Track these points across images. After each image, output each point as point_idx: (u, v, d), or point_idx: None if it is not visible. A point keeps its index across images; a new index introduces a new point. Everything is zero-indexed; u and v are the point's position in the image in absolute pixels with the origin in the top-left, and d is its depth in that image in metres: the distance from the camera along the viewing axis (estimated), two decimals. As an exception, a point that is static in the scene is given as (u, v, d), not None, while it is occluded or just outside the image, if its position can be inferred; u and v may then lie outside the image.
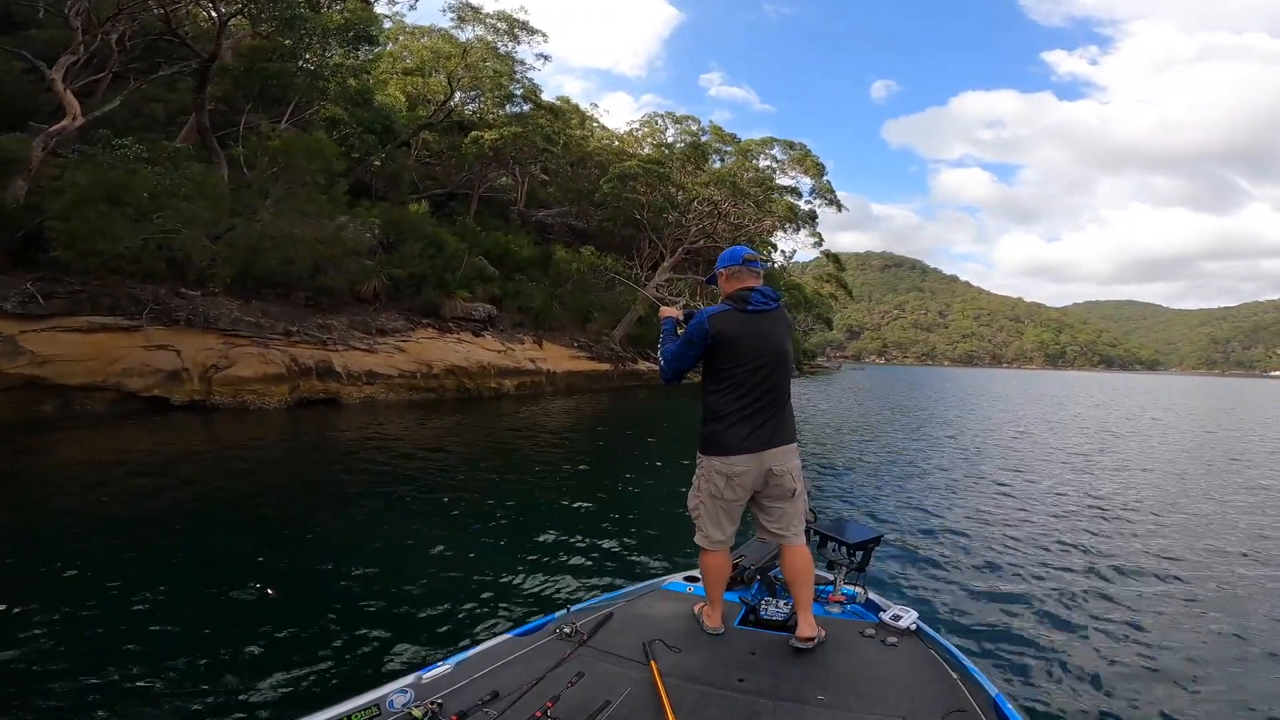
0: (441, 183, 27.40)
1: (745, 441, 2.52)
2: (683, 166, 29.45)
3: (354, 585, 4.39)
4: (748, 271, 2.68)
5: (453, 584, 4.44)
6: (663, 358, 2.72)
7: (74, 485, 6.88)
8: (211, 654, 3.37)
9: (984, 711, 1.98)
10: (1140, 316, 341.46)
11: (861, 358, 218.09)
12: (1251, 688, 3.47)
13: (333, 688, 3.08)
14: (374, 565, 4.75)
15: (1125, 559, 5.72)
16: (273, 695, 3.03)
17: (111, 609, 3.85)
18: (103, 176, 11.64)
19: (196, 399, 12.53)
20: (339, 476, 8.04)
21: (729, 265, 2.71)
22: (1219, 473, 10.90)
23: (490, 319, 20.92)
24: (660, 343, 2.80)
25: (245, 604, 4.06)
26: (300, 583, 4.43)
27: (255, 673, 3.21)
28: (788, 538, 2.61)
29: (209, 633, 3.61)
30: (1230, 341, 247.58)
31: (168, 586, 4.23)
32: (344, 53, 19.77)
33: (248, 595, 4.16)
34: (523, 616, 3.90)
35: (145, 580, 4.30)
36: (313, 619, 3.84)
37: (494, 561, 4.89)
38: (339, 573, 4.60)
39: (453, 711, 1.88)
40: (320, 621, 3.81)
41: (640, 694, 2.03)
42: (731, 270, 2.70)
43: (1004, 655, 3.73)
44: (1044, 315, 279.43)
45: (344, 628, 3.73)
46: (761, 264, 2.77)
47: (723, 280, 2.73)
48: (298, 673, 3.24)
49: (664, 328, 2.84)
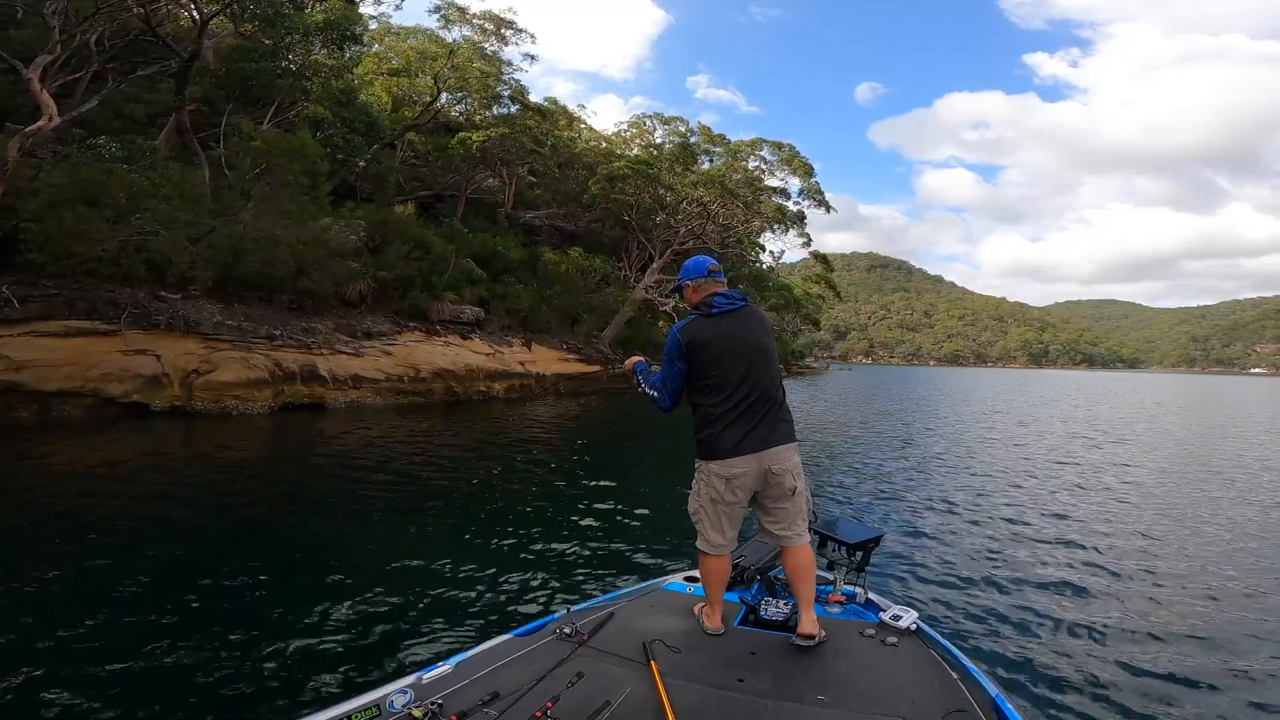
0: (428, 184, 27.18)
1: (741, 444, 2.53)
2: (672, 167, 29.43)
3: (352, 586, 4.37)
4: (713, 280, 2.75)
5: (452, 585, 4.44)
6: (653, 390, 2.78)
7: (53, 493, 6.72)
8: (211, 656, 3.35)
9: (984, 711, 1.98)
10: (1122, 315, 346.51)
11: (848, 358, 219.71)
12: (1253, 686, 3.47)
13: (333, 688, 3.09)
14: (373, 566, 4.75)
15: (1126, 558, 5.74)
16: (273, 696, 3.03)
17: (104, 615, 3.81)
18: (79, 177, 11.40)
19: (177, 404, 12.30)
20: (329, 481, 7.93)
21: (695, 277, 2.78)
22: (1220, 472, 10.88)
23: (478, 321, 20.75)
24: (641, 385, 2.86)
25: (243, 606, 4.04)
26: (298, 585, 4.44)
27: (255, 674, 3.21)
28: (790, 538, 2.61)
29: (207, 635, 3.59)
30: (1209, 339, 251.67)
31: (160, 591, 4.17)
32: (327, 52, 19.54)
33: (244, 598, 4.14)
34: (523, 617, 3.92)
35: (135, 586, 4.26)
36: (312, 620, 3.84)
37: (493, 562, 4.90)
38: (337, 574, 4.58)
39: (453, 712, 1.88)
40: (320, 622, 3.81)
41: (640, 694, 2.03)
42: (697, 282, 2.77)
43: (1004, 655, 3.74)
44: (1027, 315, 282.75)
45: (344, 628, 3.74)
46: (724, 272, 2.86)
47: (689, 292, 2.80)
48: (298, 673, 3.24)
49: (637, 371, 2.92)
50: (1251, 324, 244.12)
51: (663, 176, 28.23)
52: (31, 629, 3.56)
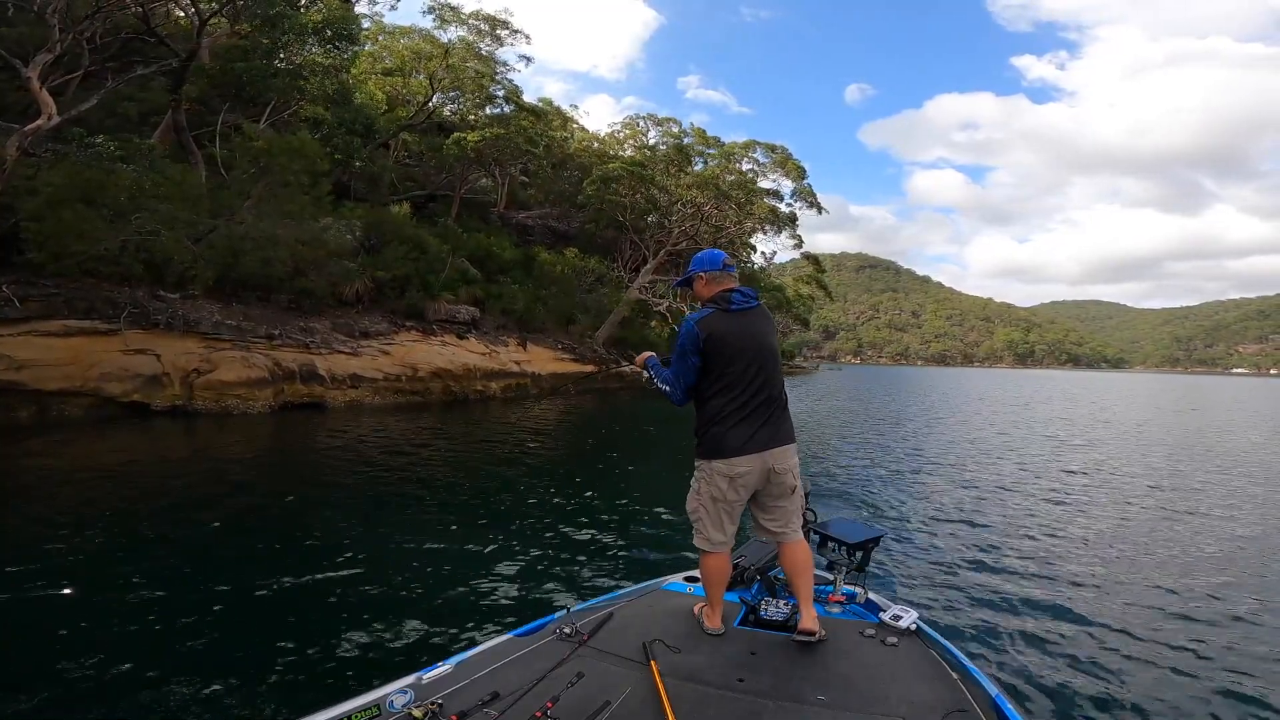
0: (421, 184, 27.14)
1: (748, 443, 2.53)
2: (666, 169, 29.53)
3: (353, 586, 4.37)
4: (727, 275, 2.72)
5: (453, 585, 4.43)
6: (666, 384, 2.69)
7: (54, 493, 6.71)
8: (211, 655, 3.36)
9: (984, 711, 1.98)
10: (1106, 316, 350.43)
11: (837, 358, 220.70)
12: (1253, 686, 3.47)
13: (333, 688, 3.08)
14: (372, 566, 4.72)
15: (1126, 558, 5.73)
16: (273, 696, 3.04)
17: (103, 615, 3.82)
18: (79, 176, 11.36)
19: (178, 404, 12.29)
20: (330, 480, 7.94)
21: (708, 269, 2.73)
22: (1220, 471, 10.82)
23: (474, 321, 20.78)
24: (653, 381, 2.80)
25: (243, 606, 4.04)
26: (298, 584, 4.40)
27: (256, 674, 3.21)
28: (786, 535, 2.63)
29: (207, 635, 3.60)
30: (1192, 340, 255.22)
31: (161, 591, 4.18)
32: (323, 51, 19.49)
33: (244, 598, 4.14)
34: (523, 617, 3.87)
35: (135, 585, 4.25)
36: (312, 620, 3.84)
37: (493, 562, 4.89)
38: (337, 574, 4.56)
39: (453, 712, 1.88)
40: (320, 622, 3.81)
41: (640, 694, 2.03)
42: (711, 274, 2.72)
43: (1004, 655, 3.74)
44: (1013, 315, 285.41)
45: (344, 628, 3.73)
46: (735, 267, 2.81)
47: (701, 285, 2.74)
48: (298, 673, 3.24)
49: (650, 365, 2.86)
50: (1234, 324, 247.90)
51: (657, 178, 28.33)
52: (31, 629, 3.58)
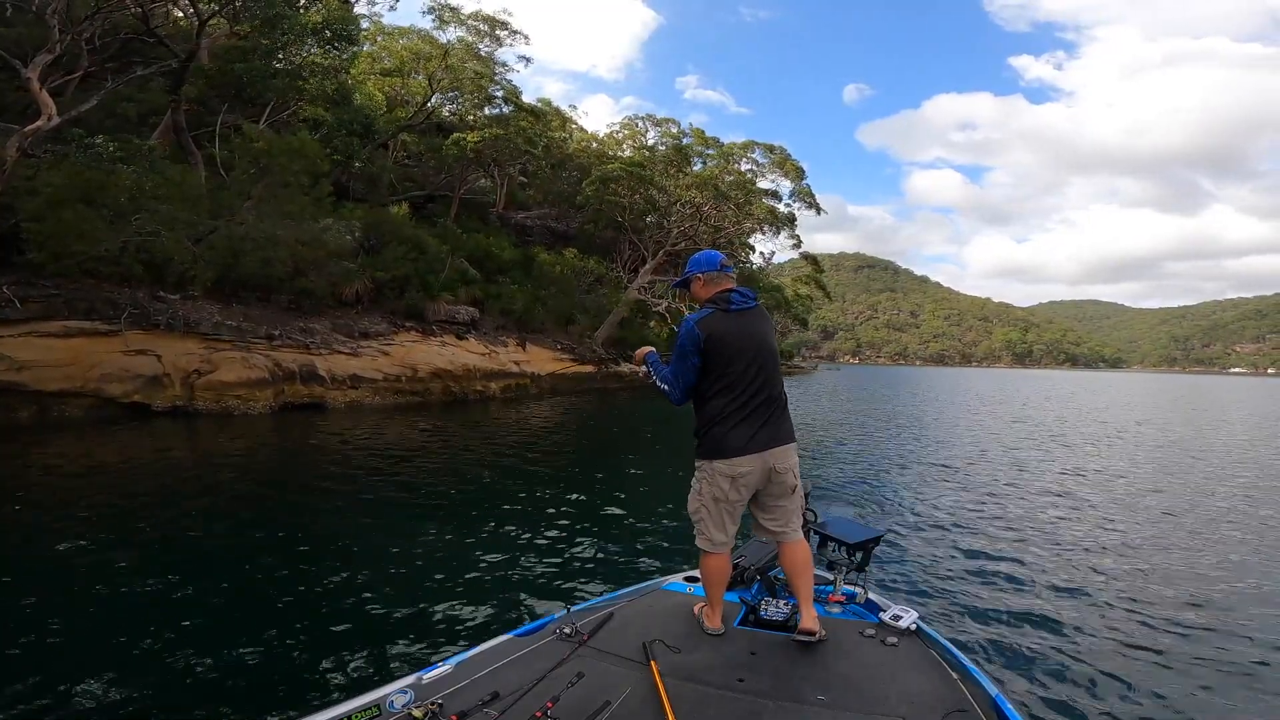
0: (421, 184, 27.16)
1: (749, 443, 2.53)
2: (665, 169, 29.58)
3: (353, 586, 4.38)
4: (724, 276, 2.72)
5: (453, 585, 4.43)
6: (665, 383, 2.68)
7: (55, 492, 6.74)
8: (211, 655, 3.36)
9: (984, 711, 1.98)
10: (1104, 316, 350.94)
11: (835, 358, 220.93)
12: (1253, 685, 3.48)
13: (333, 688, 3.09)
14: (372, 566, 4.73)
15: (1127, 558, 5.72)
16: (273, 695, 3.04)
17: (103, 614, 3.84)
18: (79, 177, 11.36)
19: (178, 405, 12.31)
20: (330, 480, 7.95)
21: (706, 270, 2.73)
22: (1220, 471, 10.80)
23: (473, 321, 20.80)
24: (652, 377, 2.79)
25: (243, 606, 4.05)
26: (298, 585, 4.41)
27: (256, 674, 3.22)
28: (786, 534, 2.64)
29: (208, 634, 3.61)
30: (1190, 339, 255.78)
31: (162, 590, 4.20)
32: (322, 52, 19.49)
33: (244, 598, 4.15)
34: (523, 616, 3.92)
35: (136, 586, 4.27)
36: (313, 620, 3.85)
37: (493, 562, 4.89)
38: (337, 574, 4.58)
39: (453, 712, 1.88)
40: (320, 622, 3.82)
41: (640, 694, 2.03)
42: (709, 275, 2.72)
43: (1004, 655, 3.74)
44: (1011, 315, 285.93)
45: (344, 628, 3.74)
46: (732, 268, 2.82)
47: (699, 285, 2.74)
48: (298, 673, 3.25)
49: (649, 362, 2.85)
50: (1231, 324, 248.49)
51: (655, 178, 28.37)
52: (31, 629, 3.59)
